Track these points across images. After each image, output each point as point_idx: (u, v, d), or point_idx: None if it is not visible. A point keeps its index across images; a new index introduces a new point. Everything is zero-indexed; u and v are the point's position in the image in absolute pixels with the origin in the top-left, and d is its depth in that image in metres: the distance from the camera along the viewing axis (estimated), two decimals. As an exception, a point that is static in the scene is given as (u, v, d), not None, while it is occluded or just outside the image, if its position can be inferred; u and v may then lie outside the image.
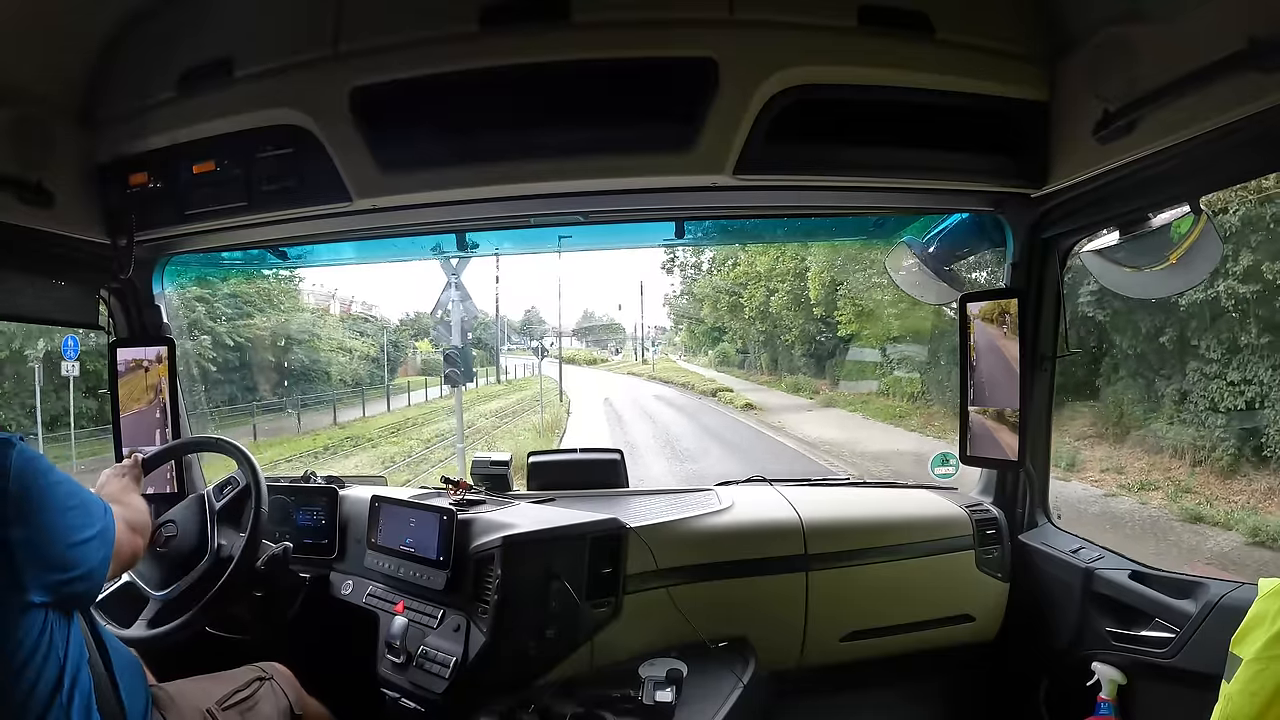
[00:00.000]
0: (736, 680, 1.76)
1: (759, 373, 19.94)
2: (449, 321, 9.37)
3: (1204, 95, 1.21)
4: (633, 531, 1.83)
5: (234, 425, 12.42)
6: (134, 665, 1.32)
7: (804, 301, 15.18)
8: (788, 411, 14.71)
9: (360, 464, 11.35)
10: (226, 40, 1.62)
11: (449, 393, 15.74)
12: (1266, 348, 6.94)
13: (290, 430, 13.49)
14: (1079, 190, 1.65)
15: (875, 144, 1.61)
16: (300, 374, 14.75)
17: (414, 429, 14.48)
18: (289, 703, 1.61)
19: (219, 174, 1.72)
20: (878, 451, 11.07)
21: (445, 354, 9.68)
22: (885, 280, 11.17)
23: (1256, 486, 6.92)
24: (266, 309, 14.30)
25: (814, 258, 14.11)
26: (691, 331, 25.92)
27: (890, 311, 12.36)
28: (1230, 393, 7.20)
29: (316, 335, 15.86)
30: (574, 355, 30.78)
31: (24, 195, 1.61)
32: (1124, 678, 1.72)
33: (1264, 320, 6.93)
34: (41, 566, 1.03)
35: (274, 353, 14.12)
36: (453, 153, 1.60)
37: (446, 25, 1.51)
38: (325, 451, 12.11)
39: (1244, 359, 7.15)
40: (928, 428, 11.41)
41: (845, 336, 14.05)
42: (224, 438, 1.84)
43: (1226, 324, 7.26)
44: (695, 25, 1.49)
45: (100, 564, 1.12)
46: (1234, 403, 7.21)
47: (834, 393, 15.14)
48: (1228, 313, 7.16)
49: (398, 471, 10.51)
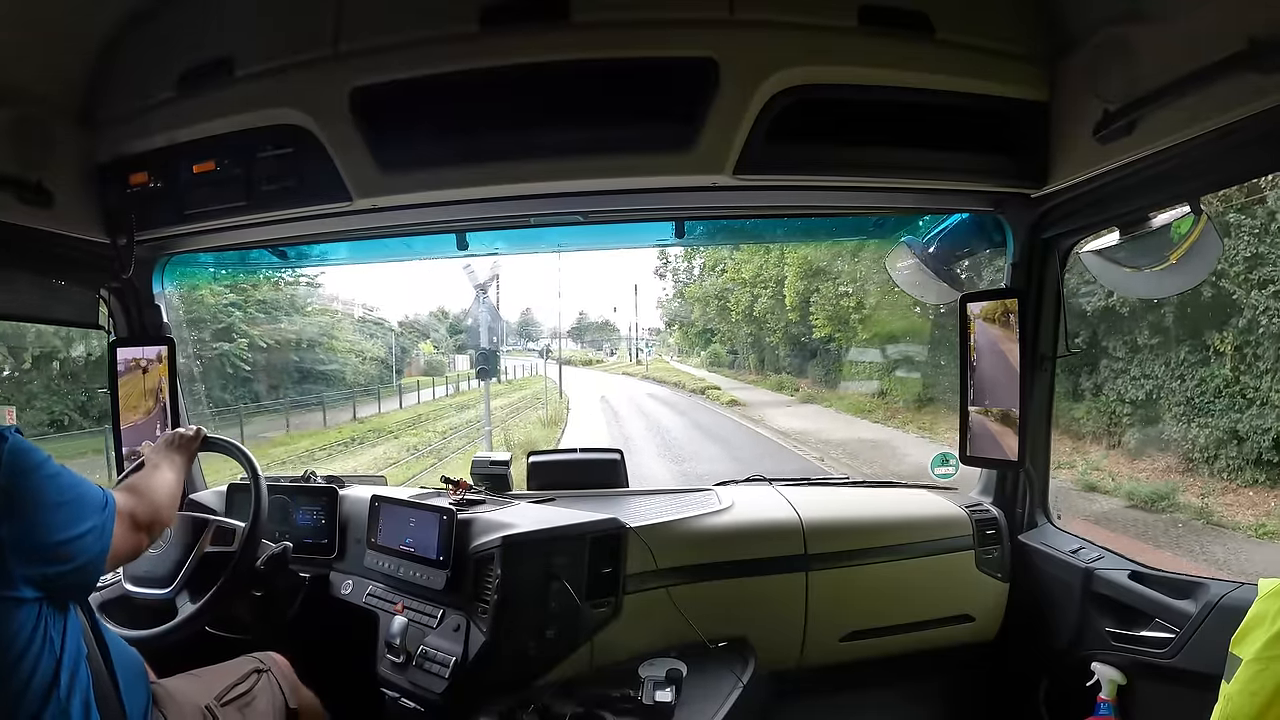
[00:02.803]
0: (736, 680, 1.76)
1: (747, 372, 21.31)
2: (478, 328, 11.67)
3: (1204, 95, 1.21)
4: (632, 531, 1.83)
5: (266, 420, 13.70)
6: (136, 664, 1.32)
7: (784, 307, 16.53)
8: (768, 407, 16.35)
9: (388, 452, 12.79)
10: (226, 40, 1.62)
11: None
12: (1158, 347, 8.25)
13: (316, 424, 14.64)
14: (1079, 190, 1.65)
15: (875, 144, 1.61)
16: (320, 374, 16.03)
17: (428, 423, 15.97)
18: (284, 696, 1.61)
19: (219, 174, 1.72)
20: (840, 440, 12.51)
21: (478, 353, 12.02)
22: (852, 289, 13.51)
23: (1157, 465, 8.24)
24: (293, 314, 15.55)
25: (789, 267, 15.48)
26: (684, 333, 26.76)
27: (855, 318, 14.01)
28: (1133, 386, 8.55)
29: (335, 338, 17.16)
30: (570, 356, 31.18)
31: (24, 195, 1.61)
32: (1124, 678, 1.72)
33: (1152, 324, 8.26)
34: (30, 561, 1.02)
35: (298, 354, 15.33)
36: (453, 153, 1.60)
37: (446, 25, 1.51)
38: (353, 442, 13.40)
39: (1143, 358, 8.49)
40: (890, 420, 12.97)
41: (822, 339, 15.50)
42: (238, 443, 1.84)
43: (1127, 327, 8.59)
44: (695, 25, 1.49)
45: (95, 558, 1.11)
46: (1136, 394, 8.54)
47: (812, 390, 16.69)
48: (1125, 318, 8.52)
49: (423, 457, 12.10)
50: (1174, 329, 7.93)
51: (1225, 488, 7.37)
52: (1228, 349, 7.43)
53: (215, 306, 12.84)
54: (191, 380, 2.63)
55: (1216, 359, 7.60)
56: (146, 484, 1.36)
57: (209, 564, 1.70)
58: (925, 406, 12.61)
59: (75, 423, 10.11)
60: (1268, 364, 7.10)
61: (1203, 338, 7.69)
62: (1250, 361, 7.28)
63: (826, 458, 11.80)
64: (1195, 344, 7.82)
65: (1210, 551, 6.70)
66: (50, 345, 9.78)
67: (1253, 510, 6.97)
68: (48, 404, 10.02)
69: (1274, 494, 6.93)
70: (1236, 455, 7.31)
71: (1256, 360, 7.22)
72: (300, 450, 12.30)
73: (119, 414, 2.13)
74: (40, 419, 9.63)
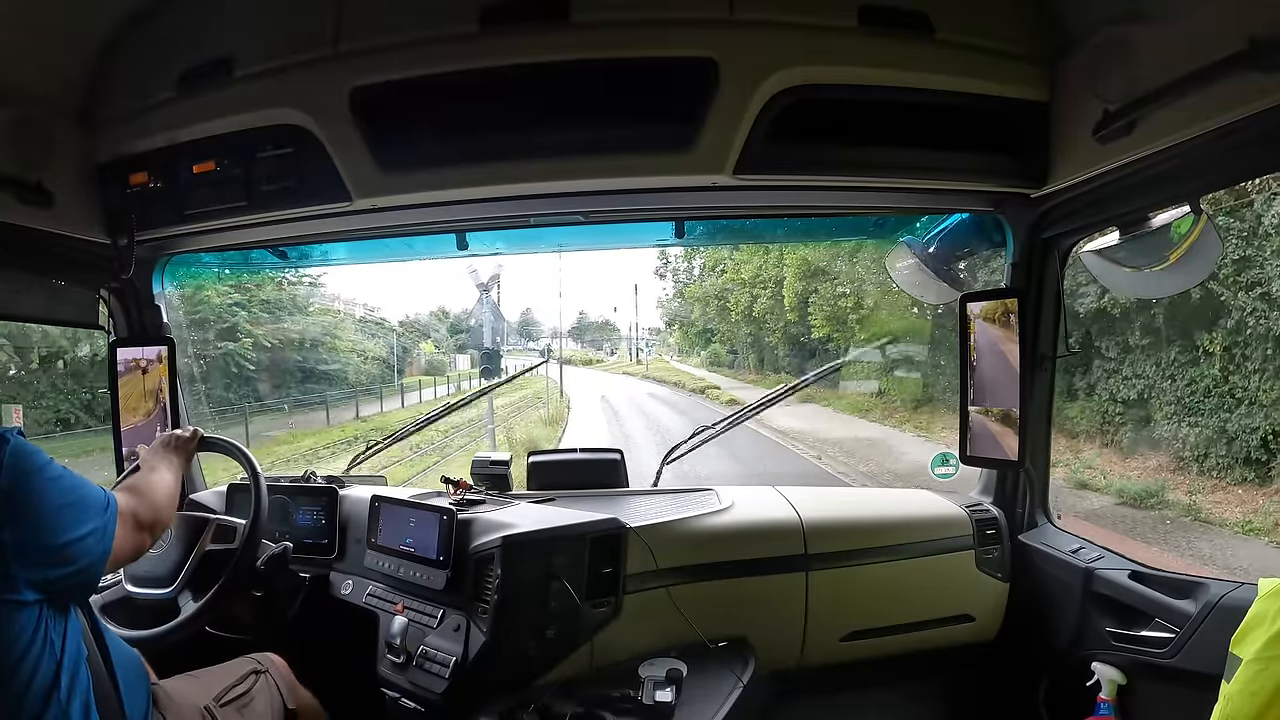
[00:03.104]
0: (736, 680, 1.76)
1: (747, 372, 21.44)
2: (481, 329, 12.17)
3: (1204, 95, 1.21)
4: (632, 531, 1.83)
5: (269, 419, 13.85)
6: (136, 664, 1.32)
7: (783, 307, 16.84)
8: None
9: (392, 450, 12.39)
10: (226, 40, 1.62)
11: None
12: (1149, 347, 8.38)
13: (319, 423, 14.82)
14: (1079, 190, 1.65)
15: (875, 144, 1.61)
16: (323, 373, 16.22)
17: (430, 422, 15.91)
18: (282, 697, 1.61)
19: (219, 174, 1.72)
20: (838, 438, 12.61)
21: (482, 353, 12.75)
22: (849, 289, 13.78)
23: (1149, 464, 8.31)
24: (296, 314, 15.68)
25: (788, 268, 15.75)
26: (684, 333, 27.21)
27: (853, 318, 14.17)
28: (1125, 386, 8.63)
29: (338, 338, 17.34)
30: (570, 356, 31.34)
31: (24, 195, 1.61)
32: (1124, 678, 1.72)
33: (1143, 325, 8.39)
34: (33, 563, 1.02)
35: (301, 353, 15.49)
36: (453, 153, 1.60)
37: (446, 25, 1.51)
38: (357, 440, 13.33)
39: (1134, 358, 8.59)
40: (887, 419, 13.15)
41: (820, 339, 15.80)
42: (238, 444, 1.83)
43: (1119, 328, 8.68)
44: (695, 25, 1.48)
45: (97, 560, 1.11)
46: (1128, 394, 8.62)
47: (811, 389, 16.79)
48: (1117, 319, 8.60)
49: (428, 455, 12.25)
50: (1165, 330, 8.10)
51: (1215, 486, 7.48)
52: (1217, 349, 7.56)
53: (220, 306, 12.96)
54: (192, 380, 2.63)
55: (1206, 359, 7.74)
56: (146, 484, 1.35)
57: (209, 563, 1.70)
58: (922, 406, 12.74)
59: (81, 421, 10.26)
60: (1255, 364, 7.23)
61: (1193, 338, 7.83)
62: (1239, 362, 7.41)
63: (824, 455, 11.86)
64: (1185, 345, 7.96)
65: (1196, 547, 6.79)
66: (57, 345, 9.93)
67: (1240, 508, 7.09)
68: (55, 403, 10.16)
69: (1262, 492, 7.02)
70: (1226, 454, 7.42)
71: (1245, 360, 7.34)
72: (304, 448, 12.45)
73: (119, 414, 2.13)
74: (47, 417, 9.76)
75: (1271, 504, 6.87)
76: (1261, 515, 6.81)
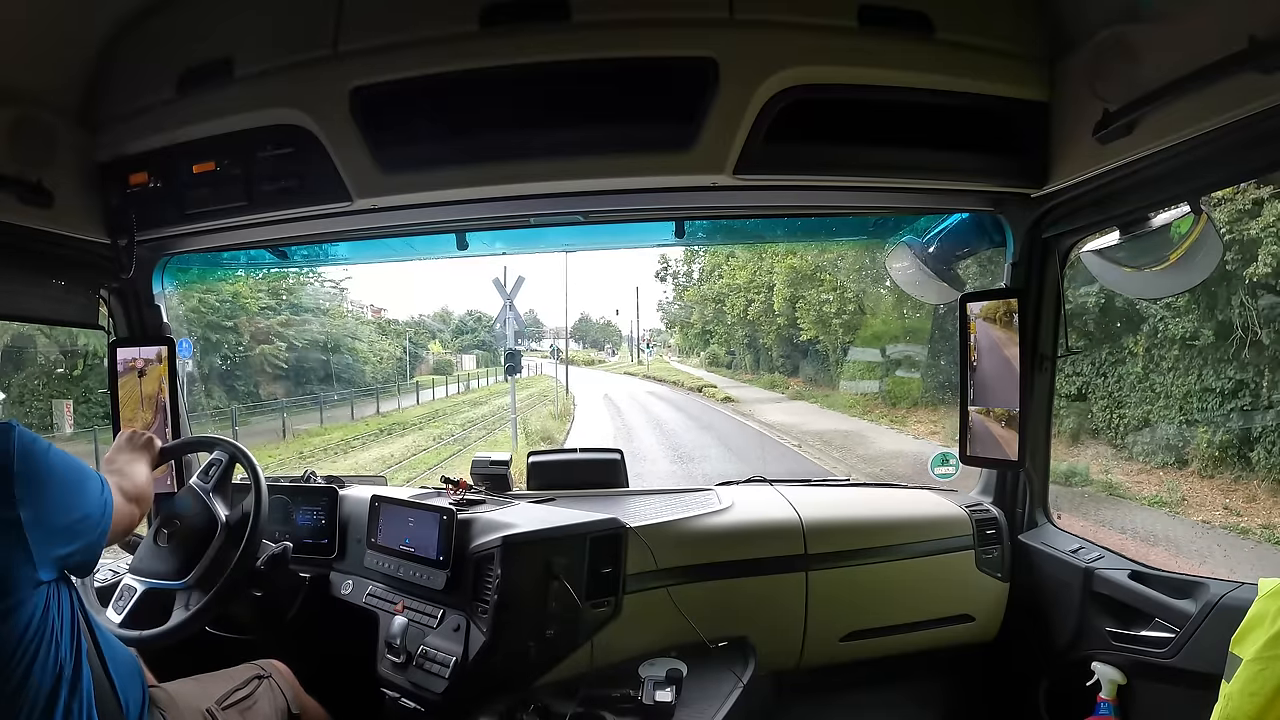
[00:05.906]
0: (736, 680, 1.76)
1: (743, 372, 22.61)
2: (505, 332, 14.04)
3: (1204, 95, 1.21)
4: (632, 531, 1.83)
5: (297, 415, 15.07)
6: (130, 664, 1.32)
7: (774, 312, 18.07)
8: (759, 403, 17.92)
9: (417, 440, 14.41)
10: (226, 40, 1.62)
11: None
12: (1086, 349, 9.18)
13: (344, 418, 16.25)
14: (1079, 190, 1.65)
15: (875, 144, 1.61)
16: (342, 373, 17.66)
17: (446, 417, 17.84)
18: (286, 701, 1.61)
19: (219, 174, 1.72)
20: (818, 430, 13.81)
21: (506, 353, 14.52)
22: (832, 296, 14.95)
23: (1088, 451, 9.46)
24: (323, 316, 17.10)
25: (777, 276, 16.97)
26: (684, 334, 28.19)
27: (836, 322, 15.45)
28: (1066, 382, 9.46)
29: (358, 339, 18.84)
30: (573, 356, 31.66)
31: (24, 195, 1.61)
32: (1124, 678, 1.72)
33: (1079, 330, 8.72)
34: (50, 542, 1.07)
35: (325, 353, 16.85)
36: (453, 153, 1.59)
37: (446, 25, 1.51)
38: (382, 434, 14.86)
39: (1075, 359, 9.17)
40: (866, 415, 14.35)
41: (809, 340, 16.92)
42: (227, 438, 1.83)
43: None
44: (695, 25, 1.48)
45: (100, 535, 1.17)
46: (1069, 389, 9.50)
47: (802, 388, 18.27)
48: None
49: (448, 445, 13.64)
50: (1096, 333, 9.05)
51: (1140, 469, 8.71)
52: (1140, 350, 8.76)
53: (253, 310, 14.17)
54: (193, 380, 2.63)
55: (1131, 359, 8.92)
56: (121, 463, 1.45)
57: (210, 562, 1.69)
58: (900, 403, 13.77)
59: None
60: (1170, 363, 8.43)
61: (1121, 340, 9.01)
62: (1156, 361, 8.60)
63: (804, 445, 12.94)
64: (1115, 346, 9.13)
65: (1101, 514, 8.07)
66: (101, 350, 10.45)
67: (1156, 487, 8.36)
68: (102, 399, 11.28)
69: (1180, 474, 8.26)
70: (1149, 441, 8.68)
71: (1161, 360, 8.54)
72: (335, 440, 13.56)
73: (119, 415, 2.13)
74: (96, 411, 11.03)
75: (1183, 483, 8.13)
76: (1169, 492, 8.13)
